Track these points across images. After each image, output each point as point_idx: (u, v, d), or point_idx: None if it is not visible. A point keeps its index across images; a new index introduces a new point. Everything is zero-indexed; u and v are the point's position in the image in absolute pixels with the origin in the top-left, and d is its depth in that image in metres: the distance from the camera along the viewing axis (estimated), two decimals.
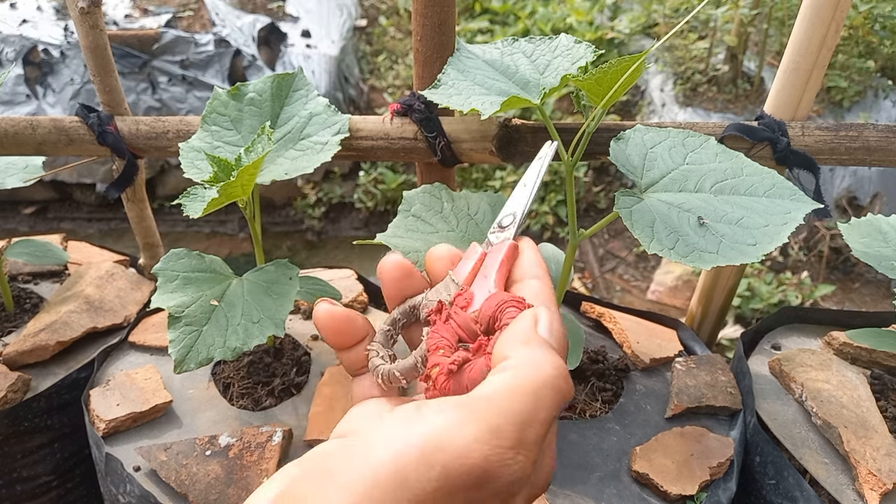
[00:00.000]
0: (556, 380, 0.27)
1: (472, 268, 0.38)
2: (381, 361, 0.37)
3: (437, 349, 0.34)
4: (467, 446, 0.24)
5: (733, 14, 2.71)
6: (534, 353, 0.28)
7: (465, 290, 0.37)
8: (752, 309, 2.14)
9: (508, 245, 0.38)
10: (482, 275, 0.38)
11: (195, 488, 0.84)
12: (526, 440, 0.25)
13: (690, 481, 0.85)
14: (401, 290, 0.38)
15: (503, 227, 0.41)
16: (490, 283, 0.36)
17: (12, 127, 1.09)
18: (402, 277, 0.38)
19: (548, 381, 0.27)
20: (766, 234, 0.71)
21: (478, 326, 0.35)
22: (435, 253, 0.39)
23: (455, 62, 0.96)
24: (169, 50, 2.90)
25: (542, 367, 0.28)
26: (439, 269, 0.38)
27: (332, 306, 0.37)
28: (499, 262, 0.37)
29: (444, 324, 0.35)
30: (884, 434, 0.90)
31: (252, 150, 0.84)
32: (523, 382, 0.27)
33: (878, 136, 1.00)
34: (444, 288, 0.37)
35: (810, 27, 0.93)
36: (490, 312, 0.34)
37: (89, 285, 1.27)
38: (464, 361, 0.33)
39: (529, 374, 0.27)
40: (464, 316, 0.35)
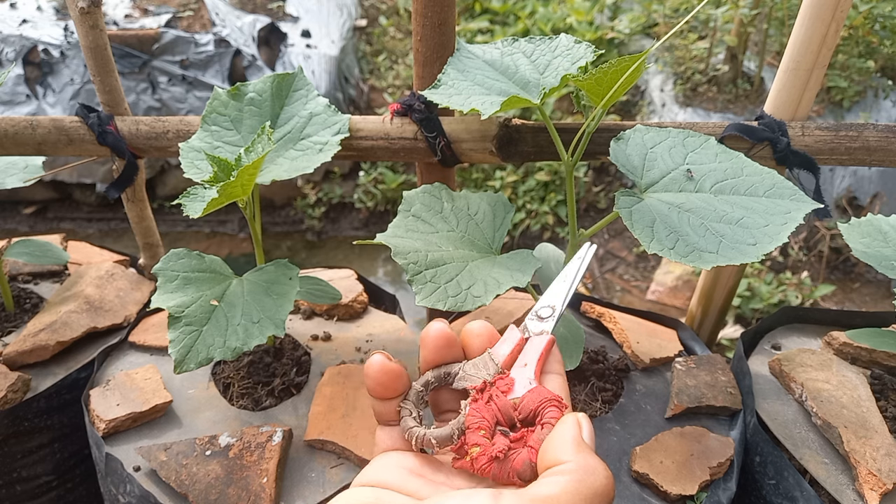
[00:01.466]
0: (607, 488, 0.31)
1: (511, 351, 0.40)
2: (415, 423, 0.40)
3: (477, 428, 0.37)
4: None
5: (733, 14, 2.71)
6: (588, 461, 0.32)
7: (506, 375, 0.39)
8: (752, 309, 2.14)
9: (549, 339, 0.41)
10: (521, 362, 0.40)
11: (195, 488, 0.84)
12: None
13: (690, 481, 0.85)
14: (441, 357, 0.41)
15: (542, 318, 0.44)
16: (530, 374, 0.39)
17: (12, 127, 1.09)
18: (444, 346, 0.40)
19: (601, 489, 0.30)
20: (767, 233, 0.71)
21: (516, 414, 0.37)
22: (474, 328, 0.41)
23: (455, 62, 0.96)
24: (169, 50, 2.90)
25: (598, 475, 0.31)
26: (477, 345, 0.41)
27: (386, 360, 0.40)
28: (539, 355, 0.40)
29: (486, 404, 0.38)
30: (884, 434, 0.90)
31: (252, 150, 0.84)
32: (582, 488, 0.30)
33: (878, 136, 1.00)
34: (483, 365, 0.40)
35: (810, 27, 0.94)
36: (533, 407, 0.36)
37: (89, 285, 1.27)
38: (507, 450, 0.35)
39: (587, 480, 0.30)
40: (505, 401, 0.37)
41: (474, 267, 0.81)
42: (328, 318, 1.21)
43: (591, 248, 0.50)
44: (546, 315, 0.44)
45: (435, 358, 0.40)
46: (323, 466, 0.91)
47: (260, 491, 0.84)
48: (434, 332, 0.40)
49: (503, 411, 0.37)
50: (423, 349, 0.41)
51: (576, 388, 1.01)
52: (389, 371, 0.39)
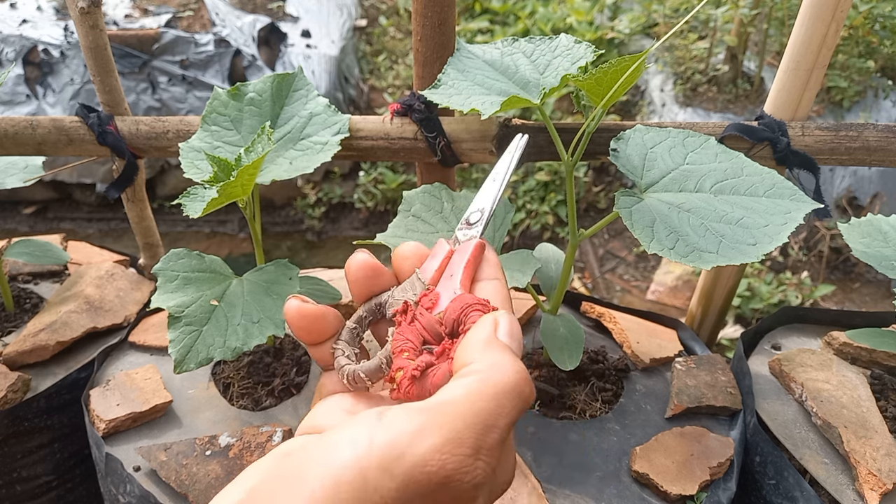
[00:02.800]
0: (518, 384, 0.27)
1: (439, 266, 0.38)
2: (347, 361, 0.37)
3: (401, 352, 0.34)
4: (428, 455, 0.25)
5: (733, 14, 2.71)
6: (495, 357, 0.28)
7: (430, 290, 0.37)
8: (752, 309, 2.14)
9: (475, 244, 0.38)
10: (448, 274, 0.37)
11: (195, 488, 0.84)
12: (486, 446, 0.26)
13: (690, 481, 0.85)
14: (368, 289, 0.38)
15: (471, 224, 0.41)
16: (456, 284, 0.36)
17: (12, 127, 1.09)
18: (369, 276, 0.37)
19: (509, 385, 0.27)
20: (766, 233, 0.71)
21: (442, 329, 0.34)
22: (402, 251, 0.39)
23: (455, 62, 0.96)
24: (169, 50, 2.90)
25: (504, 371, 0.28)
26: (407, 267, 0.38)
27: (302, 303, 0.36)
28: (465, 262, 0.37)
29: (409, 325, 0.35)
30: (884, 434, 0.90)
31: (252, 150, 0.84)
32: (485, 387, 0.27)
33: (878, 136, 1.00)
34: (411, 286, 0.37)
35: (810, 27, 0.93)
36: (455, 315, 0.34)
37: (89, 285, 1.27)
38: (427, 366, 0.33)
39: (491, 378, 0.27)
40: (429, 317, 0.35)
41: None
42: None
43: (522, 138, 0.46)
44: (475, 220, 0.41)
45: (362, 290, 0.38)
46: None
47: None
48: (356, 263, 0.37)
49: (428, 329, 0.35)
50: (349, 283, 0.38)
51: (576, 388, 1.01)
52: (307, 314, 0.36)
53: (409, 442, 0.25)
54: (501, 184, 0.42)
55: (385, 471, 0.25)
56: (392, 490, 0.25)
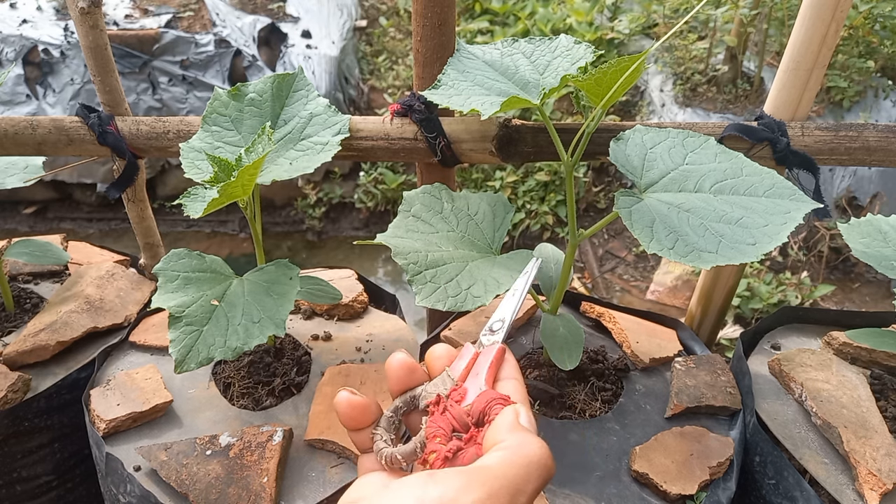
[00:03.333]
0: (542, 458, 0.33)
1: (466, 366, 0.44)
2: (385, 445, 0.42)
3: (434, 437, 0.40)
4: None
5: (733, 14, 2.71)
6: (523, 436, 0.35)
7: (459, 386, 0.42)
8: (751, 309, 2.14)
9: (498, 349, 0.44)
10: (474, 372, 0.43)
11: (196, 488, 0.84)
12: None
13: (690, 481, 0.85)
14: (404, 384, 0.44)
15: (493, 332, 0.48)
16: (481, 381, 0.42)
17: (12, 127, 1.10)
18: (406, 374, 0.43)
19: (535, 457, 0.33)
20: (766, 233, 0.71)
21: (469, 419, 0.40)
22: (434, 353, 0.45)
23: (455, 63, 0.96)
24: (169, 50, 2.90)
25: (531, 447, 0.34)
26: (438, 366, 0.44)
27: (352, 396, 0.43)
28: (489, 363, 0.43)
29: (441, 415, 0.41)
30: (884, 434, 0.90)
31: (252, 151, 0.85)
32: (516, 458, 0.33)
33: (877, 137, 1.00)
34: (442, 382, 0.43)
35: (810, 27, 0.94)
36: (481, 407, 0.39)
37: (89, 285, 1.27)
38: (457, 450, 0.38)
39: (521, 451, 0.33)
40: (458, 409, 0.40)
41: (474, 267, 0.81)
42: (328, 318, 1.21)
43: (536, 262, 0.54)
44: (497, 328, 0.48)
45: (399, 386, 0.44)
46: (323, 466, 0.91)
47: (260, 490, 0.84)
48: (395, 363, 0.43)
49: (457, 418, 0.40)
50: (388, 380, 0.44)
51: (575, 387, 1.01)
52: (356, 405, 0.42)
53: (456, 496, 0.30)
54: (519, 298, 0.50)
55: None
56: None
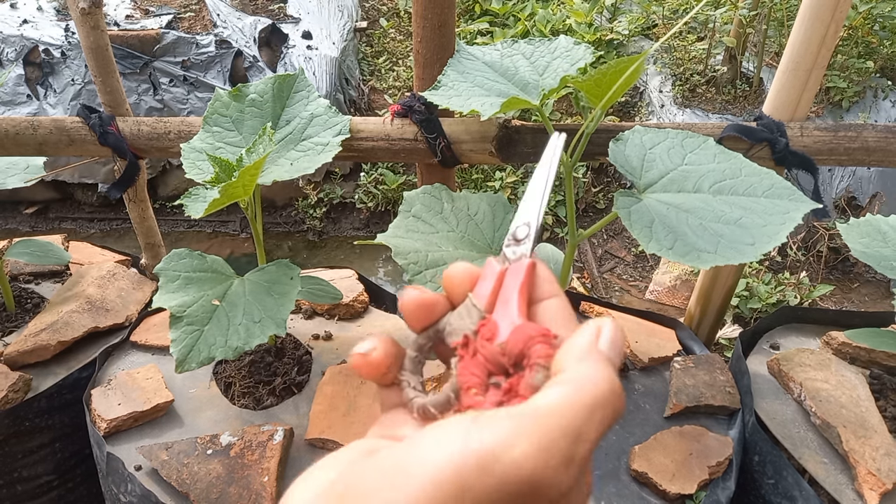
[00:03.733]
0: (611, 397, 0.28)
1: (492, 289, 0.37)
2: (416, 393, 0.37)
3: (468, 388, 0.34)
4: (522, 460, 0.25)
5: (732, 15, 2.71)
6: (591, 368, 0.29)
7: (488, 320, 0.36)
8: (750, 309, 2.14)
9: (527, 266, 0.37)
10: (503, 299, 0.37)
11: (196, 487, 0.84)
12: (575, 457, 0.26)
13: (689, 480, 0.85)
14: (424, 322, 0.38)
15: (518, 241, 0.39)
16: (513, 311, 0.36)
17: (13, 127, 1.10)
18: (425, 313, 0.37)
19: (603, 398, 0.28)
20: (765, 233, 0.72)
21: (506, 360, 0.34)
22: (452, 273, 0.38)
23: (455, 64, 0.96)
24: (170, 51, 2.90)
25: (599, 384, 0.28)
26: (459, 292, 0.38)
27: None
28: (519, 286, 0.36)
29: (472, 358, 0.35)
30: (883, 434, 0.90)
31: (253, 151, 0.85)
32: (580, 398, 0.27)
33: (876, 137, 1.00)
34: (467, 313, 0.37)
35: (809, 28, 0.94)
36: (518, 349, 0.33)
37: (91, 285, 1.27)
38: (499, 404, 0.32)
39: (586, 390, 0.28)
40: (490, 349, 0.34)
41: None
42: (329, 318, 1.22)
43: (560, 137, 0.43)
44: (522, 235, 0.39)
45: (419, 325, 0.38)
46: None
47: (261, 490, 0.84)
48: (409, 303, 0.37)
49: (491, 360, 0.34)
50: (406, 320, 0.38)
51: None
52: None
53: (505, 446, 0.26)
54: (544, 192, 0.41)
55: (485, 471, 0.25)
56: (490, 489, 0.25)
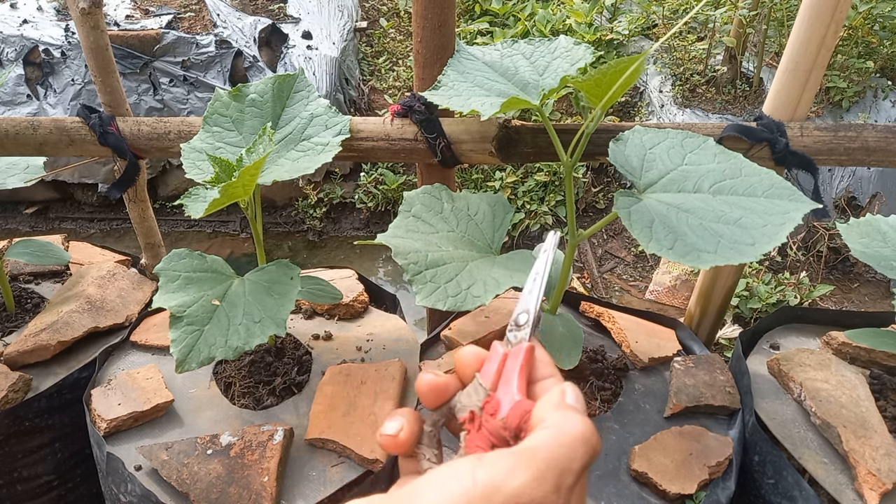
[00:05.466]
0: (586, 434, 0.33)
1: (497, 370, 0.42)
2: (429, 464, 0.42)
3: None
4: (519, 489, 0.30)
5: (732, 15, 2.71)
6: (566, 414, 0.35)
7: (492, 397, 0.41)
8: (750, 309, 2.14)
9: (526, 349, 0.43)
10: (505, 378, 0.42)
11: (196, 487, 0.84)
12: (563, 486, 0.31)
13: (689, 480, 0.85)
14: (438, 403, 0.43)
15: (519, 326, 0.45)
16: (513, 389, 0.41)
17: (13, 127, 1.10)
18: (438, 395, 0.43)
19: (581, 436, 0.33)
20: (765, 233, 0.72)
21: (507, 433, 0.39)
22: (463, 358, 0.44)
23: (455, 64, 0.96)
24: (170, 51, 2.90)
25: (575, 425, 0.34)
26: (468, 372, 0.43)
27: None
28: (518, 367, 0.42)
29: (478, 432, 0.40)
30: (883, 434, 0.90)
31: (253, 151, 0.85)
32: (561, 436, 0.33)
33: (876, 137, 1.00)
34: (475, 391, 0.42)
35: (809, 28, 0.94)
36: (516, 423, 0.39)
37: (91, 285, 1.27)
38: None
39: (565, 430, 0.33)
40: (493, 423, 0.40)
41: (474, 267, 0.82)
42: (329, 318, 1.22)
43: (555, 235, 0.49)
44: (523, 321, 0.45)
45: (434, 405, 0.43)
46: (324, 465, 0.91)
47: (261, 490, 0.84)
48: (425, 386, 0.42)
49: (494, 434, 0.39)
50: (422, 400, 0.43)
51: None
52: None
53: (505, 477, 0.31)
54: (542, 283, 0.46)
55: (487, 500, 0.30)
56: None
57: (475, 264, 0.82)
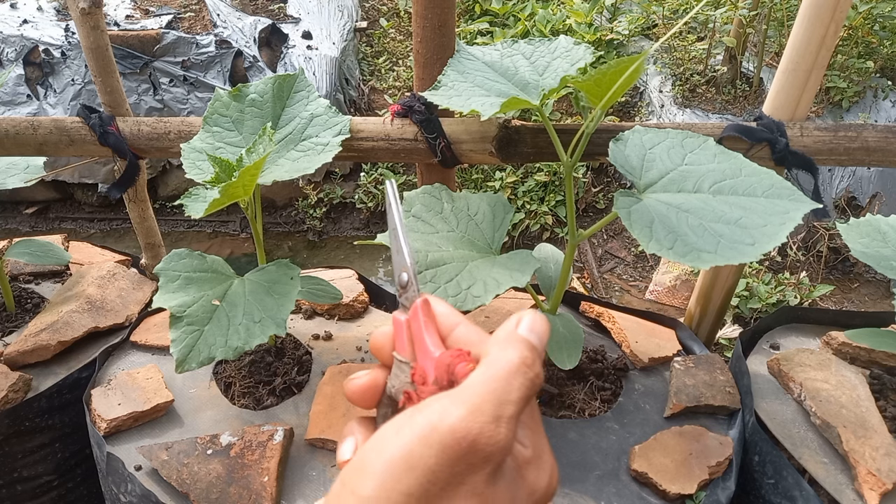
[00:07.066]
0: (521, 367, 0.34)
1: (407, 339, 0.42)
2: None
3: None
4: (456, 423, 0.31)
5: (732, 15, 2.71)
6: (504, 347, 0.35)
7: (416, 367, 0.41)
8: (750, 309, 2.14)
9: (421, 306, 0.42)
10: (418, 343, 0.41)
11: (196, 487, 0.84)
12: (503, 415, 0.32)
13: (689, 480, 0.85)
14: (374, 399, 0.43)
15: (405, 287, 0.44)
16: (430, 349, 0.40)
17: (13, 127, 1.10)
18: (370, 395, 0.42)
19: (516, 368, 0.33)
20: (765, 233, 0.72)
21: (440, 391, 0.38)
22: (375, 343, 0.43)
23: (455, 64, 0.96)
24: (170, 51, 2.90)
25: (511, 355, 0.34)
26: (386, 355, 0.43)
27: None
28: (423, 326, 0.41)
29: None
30: (883, 434, 0.90)
31: (253, 151, 0.85)
32: (497, 370, 0.33)
33: (876, 137, 1.00)
34: (399, 370, 0.41)
35: (809, 28, 0.94)
36: (445, 378, 0.38)
37: (91, 285, 1.27)
38: None
39: (501, 363, 0.34)
40: (429, 390, 0.39)
41: (474, 267, 0.82)
42: (329, 318, 1.22)
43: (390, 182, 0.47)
44: (405, 280, 0.44)
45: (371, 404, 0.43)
46: (324, 465, 0.91)
47: (261, 490, 0.84)
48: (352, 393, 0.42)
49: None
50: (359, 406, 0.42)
51: (575, 387, 1.01)
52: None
53: (440, 417, 0.31)
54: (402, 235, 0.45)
55: (426, 443, 0.30)
56: (433, 457, 0.30)
57: (475, 264, 0.82)
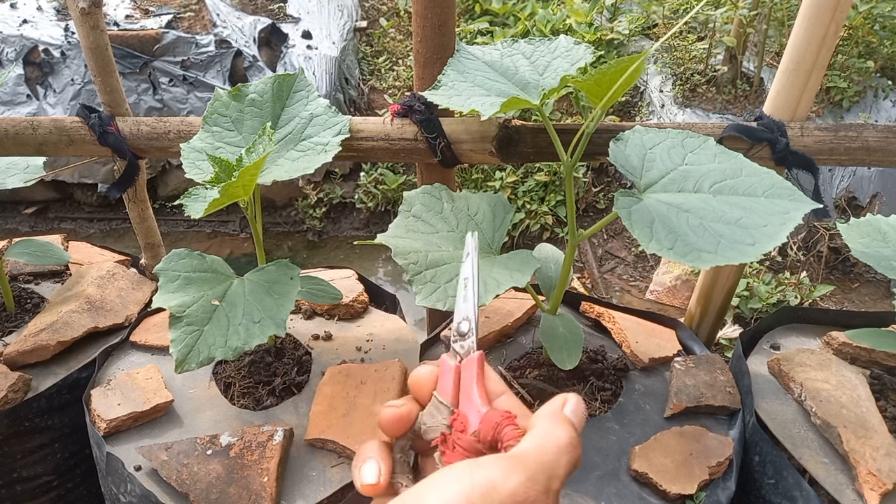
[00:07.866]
0: (570, 446, 0.36)
1: (453, 384, 0.42)
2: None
3: None
4: (516, 488, 0.33)
5: (732, 15, 2.71)
6: (556, 425, 0.38)
7: (457, 414, 0.41)
8: (750, 309, 2.14)
9: (477, 359, 0.42)
10: (465, 392, 0.42)
11: (196, 487, 0.84)
12: (551, 489, 0.35)
13: (689, 480, 0.85)
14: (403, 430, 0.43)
15: (463, 335, 0.44)
16: (476, 402, 0.41)
17: (13, 127, 1.10)
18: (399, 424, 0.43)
19: (566, 446, 0.36)
20: (765, 233, 0.72)
21: (481, 446, 0.39)
22: (418, 378, 0.44)
23: (455, 63, 0.96)
24: (170, 50, 2.90)
25: (561, 434, 0.37)
26: (425, 393, 0.44)
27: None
28: (475, 378, 0.42)
29: (453, 451, 0.40)
30: (883, 434, 0.90)
31: (253, 151, 0.85)
32: (548, 445, 0.36)
33: (877, 137, 1.00)
34: (436, 410, 0.42)
35: (810, 28, 0.94)
36: (490, 435, 0.39)
37: (90, 285, 1.27)
38: None
39: (551, 438, 0.36)
40: (466, 440, 0.40)
41: None
42: (329, 318, 1.22)
43: (473, 237, 0.47)
44: (466, 330, 0.44)
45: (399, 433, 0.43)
46: (324, 465, 0.91)
47: (261, 490, 0.84)
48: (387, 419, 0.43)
49: (469, 449, 0.39)
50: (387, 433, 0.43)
51: (575, 387, 1.01)
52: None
53: (503, 478, 0.33)
54: (475, 286, 0.45)
55: (485, 499, 0.33)
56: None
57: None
